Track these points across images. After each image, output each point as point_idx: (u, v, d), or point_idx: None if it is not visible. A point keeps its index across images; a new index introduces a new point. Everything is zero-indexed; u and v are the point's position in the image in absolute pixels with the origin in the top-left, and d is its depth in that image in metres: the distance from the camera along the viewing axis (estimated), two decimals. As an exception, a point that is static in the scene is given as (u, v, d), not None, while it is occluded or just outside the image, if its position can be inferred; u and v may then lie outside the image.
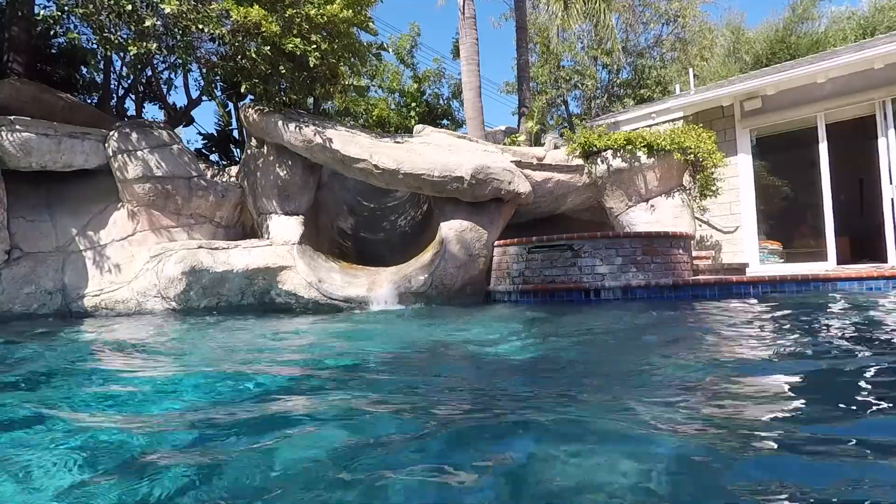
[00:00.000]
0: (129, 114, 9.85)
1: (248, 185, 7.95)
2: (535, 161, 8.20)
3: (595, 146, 8.13)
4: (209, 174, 7.86)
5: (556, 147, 9.23)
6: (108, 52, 7.79)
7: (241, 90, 7.95)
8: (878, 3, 13.71)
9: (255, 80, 7.57)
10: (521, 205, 7.80)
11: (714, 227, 9.76)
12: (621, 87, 18.64)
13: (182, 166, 7.54)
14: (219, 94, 10.18)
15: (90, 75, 10.11)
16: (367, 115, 13.57)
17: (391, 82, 15.34)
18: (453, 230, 7.16)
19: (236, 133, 11.15)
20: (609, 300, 6.42)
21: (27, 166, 6.83)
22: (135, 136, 7.31)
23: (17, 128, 6.65)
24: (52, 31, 8.83)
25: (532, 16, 15.69)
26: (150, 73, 9.49)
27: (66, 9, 7.30)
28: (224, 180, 7.98)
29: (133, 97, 9.98)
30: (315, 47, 7.37)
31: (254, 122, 7.69)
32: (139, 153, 7.24)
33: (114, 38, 7.11)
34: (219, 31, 7.32)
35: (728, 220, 9.62)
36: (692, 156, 7.95)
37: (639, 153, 7.82)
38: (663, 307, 5.65)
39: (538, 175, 8.10)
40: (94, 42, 7.79)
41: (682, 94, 11.10)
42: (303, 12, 7.31)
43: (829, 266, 8.35)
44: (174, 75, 9.85)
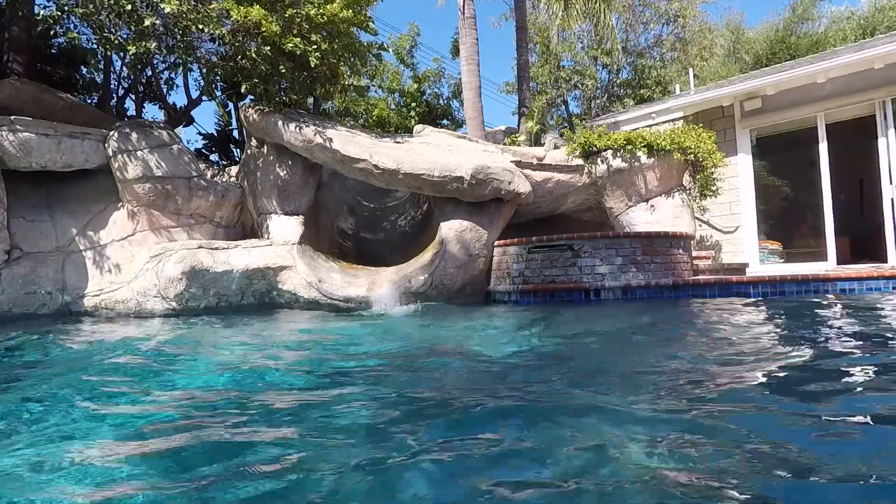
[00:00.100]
0: (129, 114, 9.85)
1: (248, 185, 7.95)
2: (535, 161, 8.20)
3: (595, 146, 8.13)
4: (209, 174, 7.86)
5: (556, 147, 9.22)
6: (108, 52, 7.79)
7: (241, 90, 7.95)
8: (878, 3, 13.71)
9: (256, 80, 7.56)
10: (521, 205, 7.80)
11: (714, 227, 9.75)
12: (621, 87, 18.64)
13: (182, 166, 7.54)
14: (219, 94, 10.17)
15: (90, 75, 10.10)
16: (367, 115, 13.57)
17: (391, 82, 15.33)
18: (453, 230, 7.16)
19: (236, 133, 11.15)
20: (609, 300, 6.41)
21: (27, 166, 6.83)
22: (135, 136, 7.31)
23: (17, 128, 6.65)
24: (52, 31, 8.83)
25: (532, 16, 15.68)
26: (150, 73, 9.49)
27: (66, 9, 7.29)
28: (224, 180, 7.98)
29: (133, 97, 9.97)
30: (315, 47, 7.36)
31: (254, 122, 7.69)
32: (139, 153, 7.24)
33: (114, 38, 7.11)
34: (219, 31, 7.32)
35: (728, 220, 9.62)
36: (692, 156, 7.95)
37: (639, 153, 7.82)
38: (663, 307, 5.65)
39: (538, 175, 8.10)
40: (94, 42, 7.78)
41: (682, 94, 11.10)
42: (303, 12, 7.31)
43: (829, 266, 8.34)
44: (174, 75, 9.86)
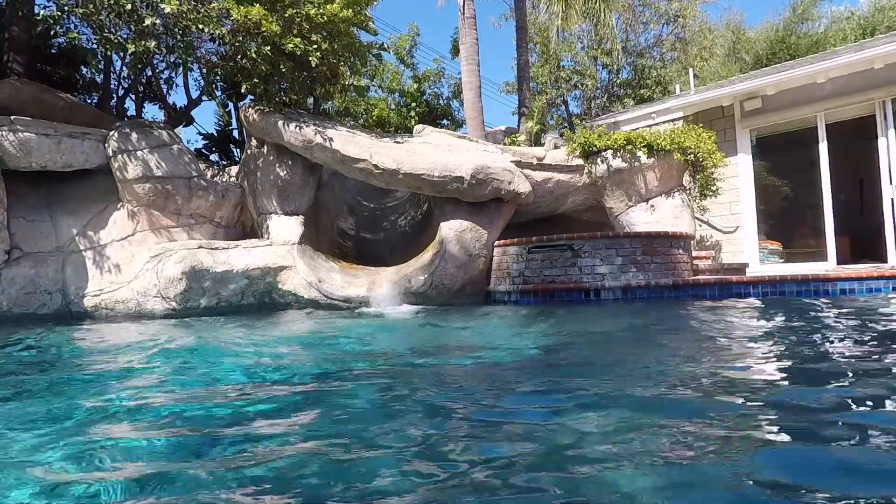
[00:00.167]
0: (129, 114, 9.85)
1: (248, 185, 7.95)
2: (535, 161, 8.20)
3: (595, 146, 8.13)
4: (209, 174, 7.86)
5: (556, 147, 9.22)
6: (108, 52, 7.79)
7: (242, 90, 7.95)
8: (878, 3, 13.71)
9: (256, 80, 7.56)
10: (521, 205, 7.80)
11: (714, 227, 9.75)
12: (621, 87, 18.63)
13: (182, 166, 7.54)
14: (219, 94, 10.17)
15: (90, 75, 10.10)
16: (367, 115, 13.57)
17: (391, 82, 15.33)
18: (453, 230, 7.16)
19: (236, 133, 11.15)
20: (609, 300, 6.41)
21: (27, 166, 6.83)
22: (135, 136, 7.31)
23: (18, 128, 6.66)
24: (52, 31, 8.83)
25: (532, 16, 15.66)
26: (150, 73, 9.49)
27: (66, 9, 7.30)
28: (224, 180, 7.98)
29: (133, 97, 9.97)
30: (315, 47, 7.36)
31: (254, 122, 7.69)
32: (139, 153, 7.24)
33: (114, 38, 7.11)
34: (219, 31, 7.32)
35: (728, 220, 9.62)
36: (692, 156, 7.95)
37: (639, 153, 7.82)
38: (663, 307, 5.65)
39: (538, 175, 8.10)
40: (94, 42, 7.78)
41: (682, 94, 11.09)
42: (303, 12, 7.31)
43: (829, 266, 8.34)
44: (174, 75, 9.86)
